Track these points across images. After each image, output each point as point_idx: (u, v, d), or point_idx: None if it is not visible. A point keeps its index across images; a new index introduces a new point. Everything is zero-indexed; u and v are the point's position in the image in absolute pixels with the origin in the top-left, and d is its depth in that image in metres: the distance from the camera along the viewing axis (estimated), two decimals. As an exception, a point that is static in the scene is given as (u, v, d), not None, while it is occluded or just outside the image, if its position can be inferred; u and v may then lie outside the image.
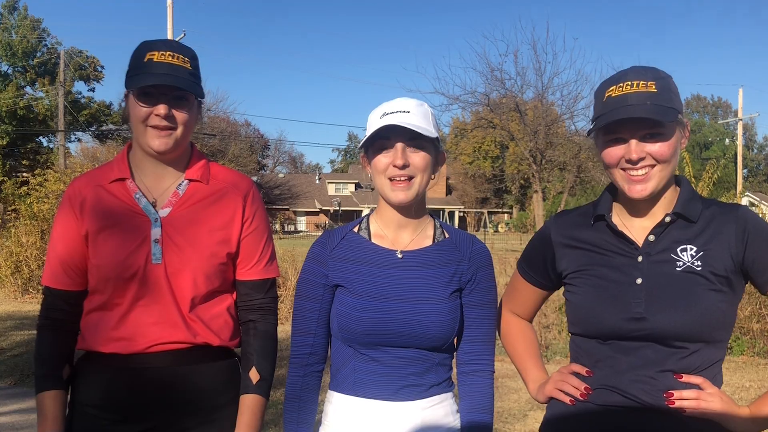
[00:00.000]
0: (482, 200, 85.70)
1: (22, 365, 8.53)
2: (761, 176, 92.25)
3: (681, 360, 1.96)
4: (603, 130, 2.04)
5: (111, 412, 2.28)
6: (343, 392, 2.21)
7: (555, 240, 2.21)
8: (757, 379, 8.22)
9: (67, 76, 48.88)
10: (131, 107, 2.30)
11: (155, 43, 2.32)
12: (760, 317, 9.95)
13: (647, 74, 1.99)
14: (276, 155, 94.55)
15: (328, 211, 73.15)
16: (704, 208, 2.05)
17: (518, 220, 71.89)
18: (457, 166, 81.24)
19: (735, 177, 44.70)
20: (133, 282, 2.26)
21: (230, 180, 2.46)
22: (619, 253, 2.06)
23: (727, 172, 37.22)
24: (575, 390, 2.09)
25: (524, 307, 2.41)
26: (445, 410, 2.22)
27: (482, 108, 37.13)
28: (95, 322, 2.33)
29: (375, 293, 2.16)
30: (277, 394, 7.35)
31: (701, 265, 1.96)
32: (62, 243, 2.35)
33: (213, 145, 53.61)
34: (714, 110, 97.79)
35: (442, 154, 2.28)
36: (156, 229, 2.29)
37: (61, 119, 44.32)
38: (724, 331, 1.99)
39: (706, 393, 1.94)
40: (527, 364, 2.35)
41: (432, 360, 2.19)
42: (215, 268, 2.33)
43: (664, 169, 1.99)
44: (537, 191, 36.04)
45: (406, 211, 2.24)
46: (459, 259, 2.24)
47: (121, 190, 2.35)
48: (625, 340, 2.00)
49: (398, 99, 2.21)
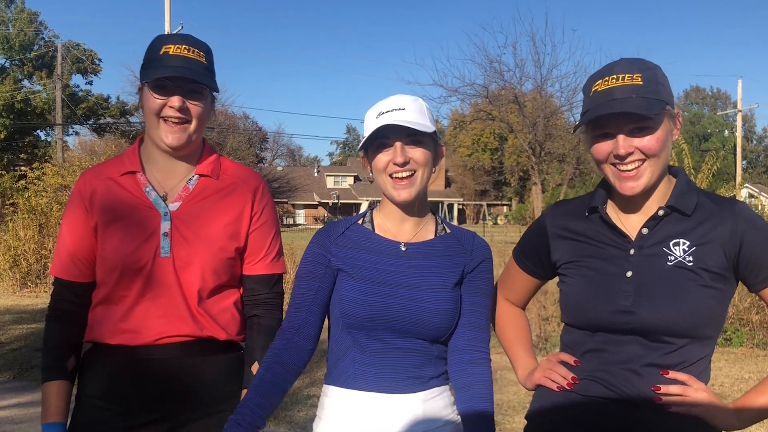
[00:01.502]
0: (481, 192, 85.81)
1: (21, 359, 8.53)
2: (760, 167, 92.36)
3: (667, 355, 1.94)
4: (590, 125, 2.02)
5: (116, 404, 2.29)
6: (342, 386, 2.20)
7: (550, 230, 2.20)
8: (756, 371, 8.23)
9: (65, 70, 48.77)
10: (145, 99, 2.31)
11: (171, 37, 2.34)
12: (760, 308, 9.95)
13: (633, 67, 1.96)
14: (274, 148, 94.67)
15: (327, 204, 73.28)
16: (701, 202, 2.02)
17: (517, 212, 71.93)
18: (456, 158, 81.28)
19: (734, 168, 44.72)
20: (141, 274, 2.28)
21: (240, 175, 2.47)
22: (612, 245, 2.05)
23: (726, 164, 37.25)
24: (562, 379, 2.10)
25: (518, 294, 2.42)
26: (444, 402, 2.22)
27: (481, 100, 37.18)
28: (103, 314, 2.34)
29: (378, 279, 2.16)
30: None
31: (693, 261, 1.94)
32: (71, 235, 2.37)
33: (211, 138, 53.56)
34: (713, 102, 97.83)
35: (441, 147, 2.28)
36: (165, 222, 2.31)
37: (59, 113, 44.22)
38: (713, 327, 1.97)
39: (691, 389, 1.92)
40: (517, 350, 2.36)
41: (431, 352, 2.19)
42: (223, 262, 2.35)
43: (655, 163, 1.96)
44: (536, 183, 36.12)
45: (410, 207, 2.25)
46: (461, 252, 2.25)
47: (131, 183, 2.36)
48: (612, 332, 2.00)
49: (393, 97, 2.22)
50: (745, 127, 77.00)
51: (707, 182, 12.17)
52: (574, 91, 33.95)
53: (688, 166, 11.81)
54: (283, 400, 2.28)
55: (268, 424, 6.10)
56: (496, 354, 2.63)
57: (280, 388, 2.10)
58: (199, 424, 2.35)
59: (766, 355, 9.33)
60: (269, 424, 6.12)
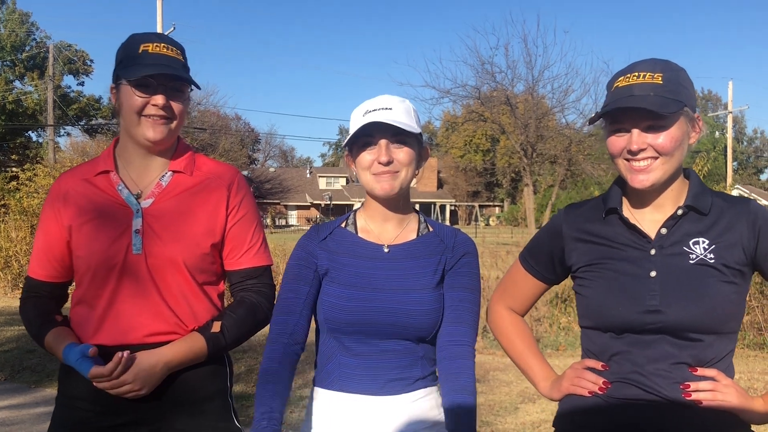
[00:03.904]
0: (473, 194, 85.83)
1: (13, 361, 8.50)
2: (751, 169, 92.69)
3: (696, 352, 1.97)
4: (607, 119, 2.05)
5: (99, 404, 2.28)
6: (329, 388, 2.22)
7: (566, 233, 2.20)
8: (747, 371, 8.27)
9: (56, 70, 48.65)
10: (125, 97, 2.30)
11: (147, 35, 2.34)
12: (750, 309, 10.00)
13: (656, 66, 2.00)
14: (267, 149, 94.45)
15: (320, 205, 73.17)
16: (715, 202, 2.06)
17: (509, 213, 72.02)
18: (448, 159, 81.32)
19: (725, 170, 44.87)
20: (114, 272, 2.28)
21: (214, 171, 2.47)
22: (632, 246, 2.06)
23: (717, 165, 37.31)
24: (593, 385, 2.08)
25: (521, 301, 2.40)
26: (431, 403, 2.23)
27: (473, 101, 37.10)
28: (81, 314, 2.35)
29: (361, 284, 2.17)
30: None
31: (714, 258, 1.98)
32: (45, 236, 2.41)
33: (203, 139, 53.44)
34: (704, 103, 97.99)
35: (425, 149, 2.30)
36: (137, 219, 2.30)
37: (51, 113, 44.07)
38: (735, 321, 2.00)
39: (721, 384, 1.95)
40: (531, 361, 2.32)
41: (417, 353, 2.20)
42: (199, 258, 2.34)
43: (667, 162, 1.99)
44: (528, 184, 36.06)
45: (392, 204, 2.26)
46: (443, 250, 2.26)
47: (104, 183, 2.37)
48: (639, 333, 2.01)
49: (380, 96, 2.23)
50: (735, 128, 77.33)
51: (698, 183, 12.20)
52: (566, 92, 33.91)
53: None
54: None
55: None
56: (489, 355, 2.68)
57: (288, 388, 2.17)
58: (182, 423, 2.34)
59: (756, 356, 9.40)
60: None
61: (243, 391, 7.15)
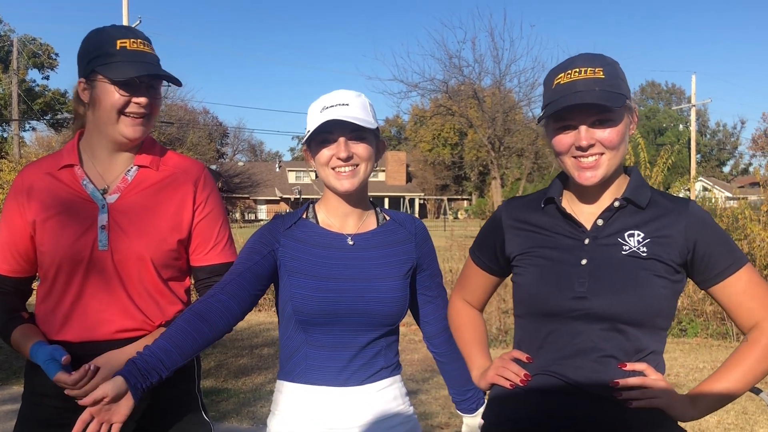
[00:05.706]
0: (442, 187, 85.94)
1: (-18, 360, 8.38)
2: (714, 161, 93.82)
3: (621, 345, 1.97)
4: (553, 117, 2.04)
5: (64, 400, 2.23)
6: (294, 381, 2.24)
7: (505, 223, 2.21)
8: (711, 360, 8.41)
9: (21, 64, 47.89)
10: (104, 94, 2.26)
11: (120, 30, 2.30)
12: (713, 300, 10.15)
13: (595, 61, 2.00)
14: (235, 143, 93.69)
15: (289, 200, 72.86)
16: (654, 198, 2.07)
17: (477, 206, 72.12)
18: (417, 153, 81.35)
19: (689, 162, 45.44)
20: (81, 269, 2.26)
21: (181, 166, 2.45)
22: (567, 235, 2.08)
23: (681, 158, 37.82)
24: (515, 376, 2.09)
25: (475, 294, 2.41)
26: (395, 393, 2.28)
27: (441, 95, 37.29)
28: (47, 310, 2.32)
29: (328, 274, 2.20)
30: (238, 383, 7.36)
31: (646, 252, 1.98)
32: (7, 230, 2.35)
33: (171, 133, 53.05)
34: (668, 96, 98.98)
35: (382, 143, 2.33)
36: (103, 215, 2.28)
37: (15, 108, 43.44)
38: (664, 318, 2.00)
39: (649, 379, 1.95)
40: (473, 351, 2.35)
41: (381, 344, 2.25)
42: (165, 254, 2.32)
43: (614, 156, 2.00)
44: (495, 178, 36.35)
45: (351, 199, 2.29)
46: (407, 238, 2.34)
47: (68, 177, 2.33)
48: (567, 319, 2.01)
49: (337, 91, 2.25)
50: (698, 121, 78.35)
51: (662, 176, 12.36)
52: (532, 86, 34.25)
53: (644, 159, 11.97)
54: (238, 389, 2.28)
55: (231, 420, 6.09)
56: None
57: (195, 341, 2.03)
58: (150, 418, 2.33)
59: (719, 345, 9.55)
60: (231, 419, 6.11)
61: (212, 386, 7.14)
